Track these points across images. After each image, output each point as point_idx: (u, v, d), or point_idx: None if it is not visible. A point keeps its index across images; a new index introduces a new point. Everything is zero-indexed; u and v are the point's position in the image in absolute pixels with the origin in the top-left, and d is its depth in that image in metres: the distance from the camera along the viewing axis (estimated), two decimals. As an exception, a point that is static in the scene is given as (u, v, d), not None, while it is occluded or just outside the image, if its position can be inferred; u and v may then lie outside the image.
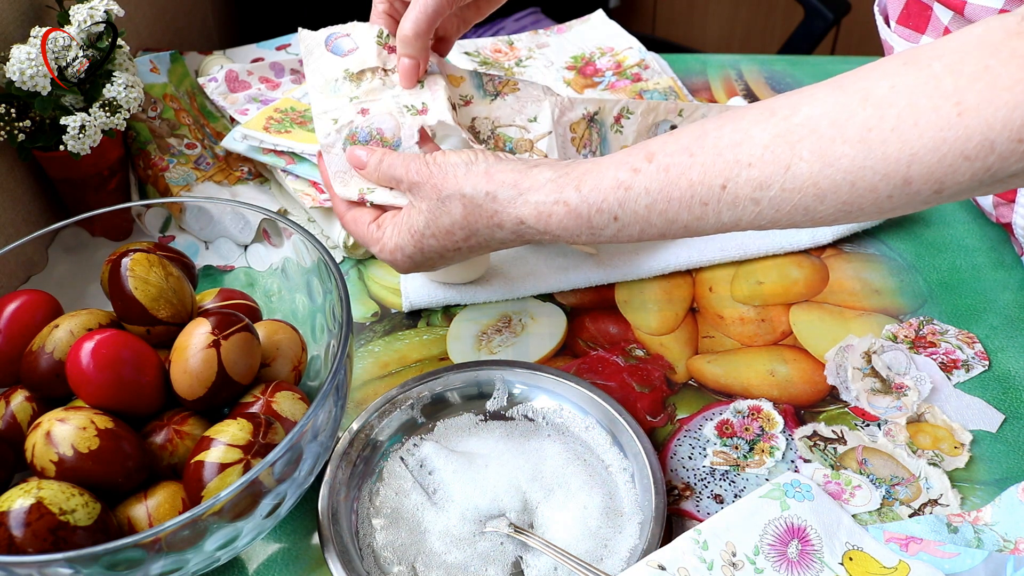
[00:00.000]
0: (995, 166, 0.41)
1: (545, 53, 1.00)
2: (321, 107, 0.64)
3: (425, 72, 0.65)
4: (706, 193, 0.47)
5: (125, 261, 0.55)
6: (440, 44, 0.70)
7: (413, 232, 0.58)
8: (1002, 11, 0.61)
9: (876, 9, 0.80)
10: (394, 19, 0.67)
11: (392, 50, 0.66)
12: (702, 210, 0.48)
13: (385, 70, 0.65)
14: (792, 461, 0.60)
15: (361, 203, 0.62)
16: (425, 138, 0.63)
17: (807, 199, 0.45)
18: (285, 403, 0.54)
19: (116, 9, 0.76)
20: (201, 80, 0.91)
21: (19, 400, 0.55)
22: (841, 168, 0.43)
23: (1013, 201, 0.69)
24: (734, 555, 0.52)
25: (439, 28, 0.66)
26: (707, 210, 0.48)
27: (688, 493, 0.59)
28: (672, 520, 0.57)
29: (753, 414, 0.64)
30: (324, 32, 0.68)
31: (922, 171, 0.42)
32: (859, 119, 0.43)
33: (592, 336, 0.70)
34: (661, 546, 0.53)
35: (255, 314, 0.63)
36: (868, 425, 0.62)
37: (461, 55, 0.98)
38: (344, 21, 0.69)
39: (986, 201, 0.73)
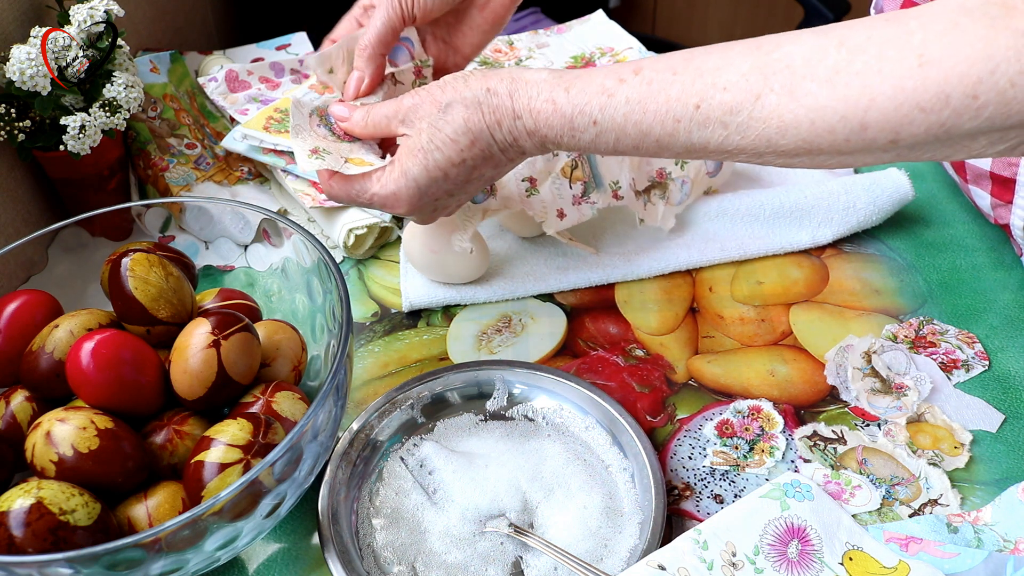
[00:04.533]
0: (949, 121, 0.42)
1: (545, 53, 1.00)
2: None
3: (370, 91, 0.64)
4: (680, 110, 0.49)
5: (125, 261, 0.55)
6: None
7: (415, 151, 0.57)
8: None
9: (873, 11, 0.80)
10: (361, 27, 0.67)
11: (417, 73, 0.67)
12: (674, 126, 0.50)
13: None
14: (792, 461, 0.60)
15: (315, 152, 0.61)
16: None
17: (770, 130, 0.47)
18: (285, 403, 0.54)
19: (116, 9, 0.76)
20: (201, 80, 0.91)
21: (19, 400, 0.55)
22: (805, 104, 0.45)
23: (1010, 203, 0.69)
24: (734, 555, 0.52)
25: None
26: (679, 127, 0.50)
27: (688, 493, 0.59)
28: (672, 520, 0.57)
29: (753, 414, 0.64)
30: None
31: (878, 118, 0.44)
32: (830, 60, 0.45)
33: (592, 336, 0.70)
34: (661, 546, 0.53)
35: (255, 314, 0.63)
36: (868, 425, 0.62)
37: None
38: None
39: (984, 202, 0.73)
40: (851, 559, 0.53)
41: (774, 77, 0.46)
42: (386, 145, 0.64)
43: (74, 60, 0.72)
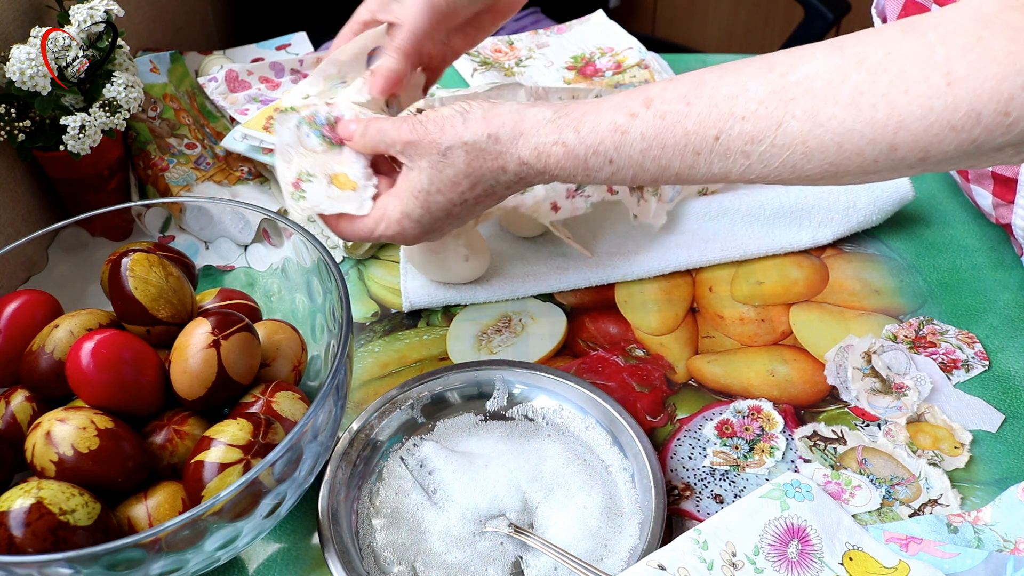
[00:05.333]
0: (981, 138, 0.41)
1: (545, 53, 1.00)
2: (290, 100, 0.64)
3: (400, 90, 0.64)
4: (699, 143, 0.48)
5: (125, 261, 0.55)
6: (427, 73, 0.70)
7: (417, 193, 0.57)
8: None
9: (874, 11, 0.80)
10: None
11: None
12: (694, 159, 0.48)
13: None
14: (792, 461, 0.60)
15: (296, 186, 0.62)
16: None
17: (795, 156, 0.46)
18: (285, 403, 0.54)
19: (116, 9, 0.76)
20: (201, 80, 0.91)
21: (19, 400, 0.55)
22: (830, 129, 0.44)
23: (1012, 202, 0.69)
24: (734, 555, 0.52)
25: (424, 57, 0.68)
26: (699, 159, 0.48)
27: (688, 493, 0.59)
28: (672, 520, 0.57)
29: (753, 414, 0.64)
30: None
31: (908, 138, 0.43)
32: (852, 82, 0.43)
33: (592, 336, 0.70)
34: (661, 546, 0.53)
35: (255, 314, 0.63)
36: (868, 425, 0.62)
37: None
38: (343, 21, 0.69)
39: (985, 202, 0.73)
40: (851, 559, 0.53)
41: (794, 103, 0.45)
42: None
43: (74, 60, 0.72)
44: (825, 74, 0.44)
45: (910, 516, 0.56)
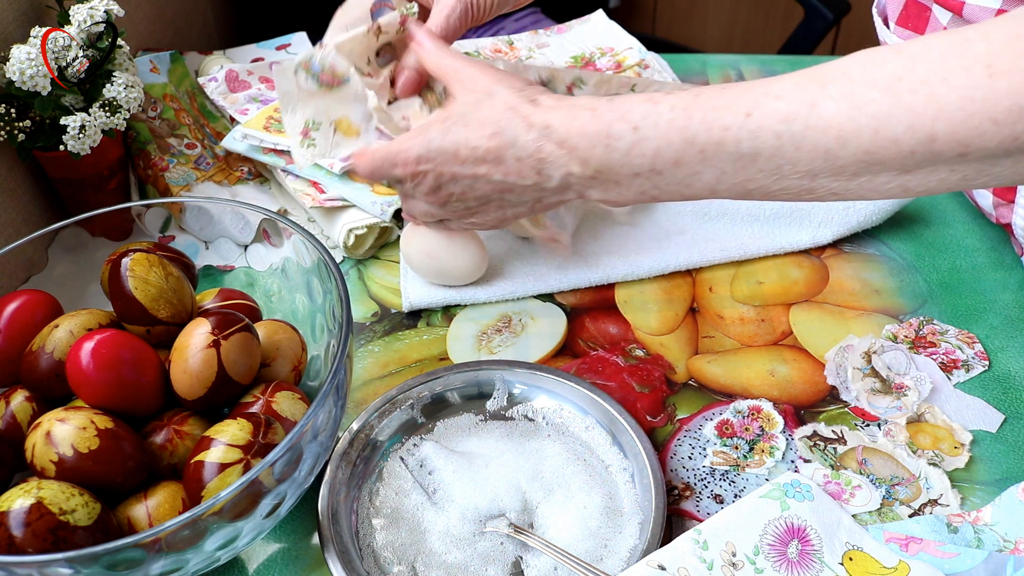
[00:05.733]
0: None
1: (545, 53, 1.00)
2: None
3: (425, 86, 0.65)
4: (730, 118, 0.47)
5: (125, 261, 0.55)
6: None
7: (444, 117, 0.57)
8: (1000, 12, 0.61)
9: (875, 11, 0.80)
10: None
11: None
12: (722, 134, 0.48)
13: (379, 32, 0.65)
14: (792, 461, 0.60)
15: (306, 134, 0.64)
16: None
17: (828, 140, 0.45)
18: (285, 403, 0.54)
19: (116, 9, 0.76)
20: (201, 80, 0.91)
21: (19, 400, 0.55)
22: (867, 112, 0.43)
23: (1012, 202, 0.69)
24: (734, 555, 0.52)
25: None
26: (727, 135, 0.48)
27: (688, 493, 0.59)
28: (672, 520, 0.57)
29: (753, 414, 0.64)
30: None
31: (947, 128, 0.42)
32: (890, 67, 0.43)
33: (592, 336, 0.70)
34: (661, 546, 0.53)
35: (255, 314, 0.63)
36: (868, 425, 0.62)
37: (461, 55, 0.98)
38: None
39: (986, 202, 0.73)
40: (851, 559, 0.53)
41: (831, 85, 0.45)
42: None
43: (74, 60, 0.72)
44: (863, 62, 0.44)
45: (910, 516, 0.56)
